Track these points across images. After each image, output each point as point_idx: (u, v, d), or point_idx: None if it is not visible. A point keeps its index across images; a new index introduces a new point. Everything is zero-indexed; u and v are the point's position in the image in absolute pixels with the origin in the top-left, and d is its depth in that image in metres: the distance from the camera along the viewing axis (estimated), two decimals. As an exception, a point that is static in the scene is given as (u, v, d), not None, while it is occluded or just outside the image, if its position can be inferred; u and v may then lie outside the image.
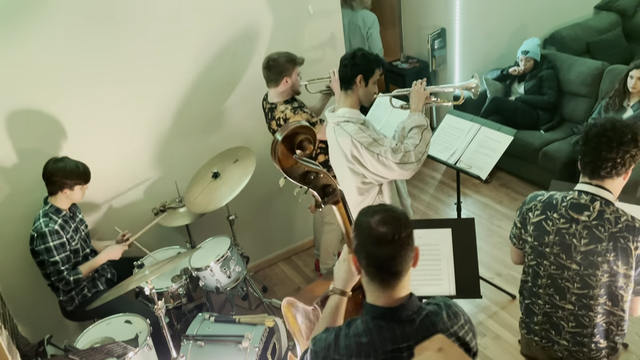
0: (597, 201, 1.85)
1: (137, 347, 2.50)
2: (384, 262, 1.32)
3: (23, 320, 3.19)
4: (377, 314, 1.37)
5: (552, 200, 1.95)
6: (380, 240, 1.30)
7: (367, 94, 2.59)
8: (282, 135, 1.56)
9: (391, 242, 1.30)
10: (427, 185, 4.80)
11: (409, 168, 2.48)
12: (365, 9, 4.76)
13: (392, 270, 1.33)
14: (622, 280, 1.87)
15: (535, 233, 1.99)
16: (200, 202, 3.12)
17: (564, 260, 1.93)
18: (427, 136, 2.53)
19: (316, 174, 1.61)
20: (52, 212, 2.82)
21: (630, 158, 1.79)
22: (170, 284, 2.99)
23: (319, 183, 1.63)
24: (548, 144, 4.30)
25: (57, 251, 2.78)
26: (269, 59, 3.08)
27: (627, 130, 1.77)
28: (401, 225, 1.31)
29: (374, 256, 1.33)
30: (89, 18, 2.88)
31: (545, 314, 2.06)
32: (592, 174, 1.86)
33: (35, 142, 2.97)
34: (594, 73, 4.39)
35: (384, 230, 1.30)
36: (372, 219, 1.33)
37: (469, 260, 2.35)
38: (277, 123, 3.12)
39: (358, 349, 1.35)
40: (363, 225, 1.34)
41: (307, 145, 1.58)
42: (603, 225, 1.83)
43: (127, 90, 3.11)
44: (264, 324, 2.72)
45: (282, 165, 1.60)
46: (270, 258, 4.10)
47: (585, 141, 1.83)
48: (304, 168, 1.61)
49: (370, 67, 2.54)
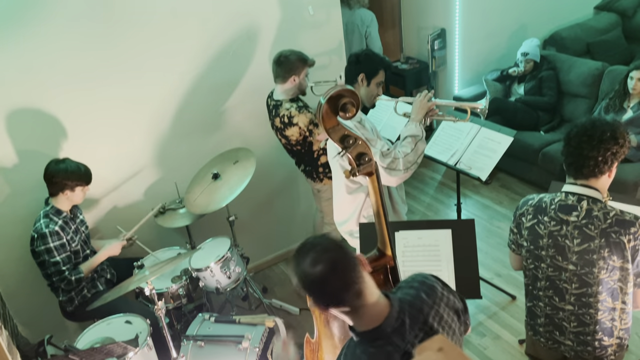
0: (584, 200, 1.87)
1: (137, 347, 2.50)
2: (336, 297, 1.30)
3: (23, 320, 3.19)
4: (368, 338, 1.36)
5: (542, 204, 1.98)
6: (318, 282, 1.29)
7: (368, 93, 2.59)
8: (326, 97, 1.62)
9: (331, 278, 1.28)
10: (427, 186, 4.80)
11: (395, 175, 2.43)
12: (362, 8, 4.76)
13: (348, 299, 1.30)
14: (619, 274, 1.87)
15: (530, 237, 2.00)
16: (200, 203, 3.12)
17: (560, 262, 1.94)
18: (420, 147, 2.48)
19: (355, 140, 1.67)
20: (52, 213, 2.82)
21: (611, 155, 1.82)
22: (170, 284, 2.99)
23: (355, 149, 1.69)
24: (548, 145, 4.30)
25: (58, 252, 2.78)
26: (281, 54, 3.09)
27: (607, 128, 1.81)
28: (331, 256, 1.30)
29: (325, 298, 1.32)
30: (89, 18, 2.89)
31: (547, 316, 2.07)
32: (576, 174, 1.89)
33: (36, 142, 2.97)
34: (594, 74, 4.39)
35: (316, 270, 1.28)
36: (303, 263, 1.31)
37: (469, 261, 2.35)
38: (281, 120, 3.12)
39: None
40: (301, 276, 1.32)
41: (350, 107, 1.63)
42: (593, 223, 1.85)
43: (127, 90, 3.11)
44: (264, 324, 2.72)
45: (325, 125, 1.65)
46: (270, 259, 4.11)
47: (567, 141, 1.87)
48: (344, 131, 1.67)
49: (374, 68, 2.54)
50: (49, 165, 2.79)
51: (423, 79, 5.09)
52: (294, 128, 3.08)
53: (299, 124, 3.06)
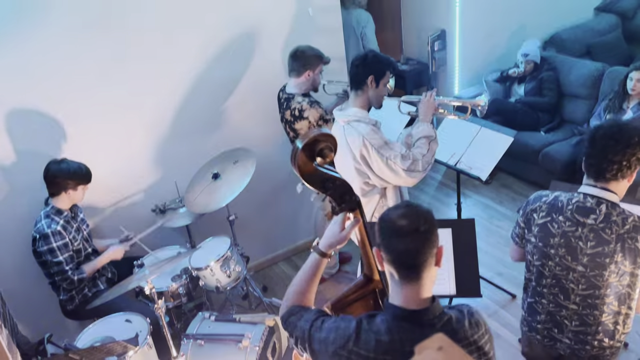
0: (603, 204, 1.85)
1: (137, 346, 2.50)
2: (402, 254, 1.35)
3: (23, 319, 3.19)
4: (398, 315, 1.38)
5: (558, 203, 1.94)
6: (398, 232, 1.33)
7: (377, 95, 2.59)
8: (302, 143, 1.53)
9: (409, 234, 1.32)
10: (427, 186, 4.81)
11: (415, 176, 2.51)
12: (359, 8, 4.75)
13: (411, 263, 1.34)
14: (629, 279, 1.87)
15: (541, 234, 1.98)
16: (201, 202, 3.12)
17: (569, 262, 1.93)
18: (434, 147, 2.57)
19: (335, 181, 1.59)
20: (53, 213, 2.83)
21: (636, 161, 1.79)
22: (171, 283, 2.99)
23: (337, 190, 1.60)
24: (548, 145, 4.30)
25: (61, 251, 2.79)
26: (297, 49, 3.12)
27: (634, 132, 1.77)
28: (422, 219, 1.34)
29: (393, 248, 1.35)
30: (88, 19, 2.89)
31: (549, 313, 2.05)
32: (597, 176, 1.85)
33: (36, 141, 2.97)
34: (594, 75, 4.40)
35: (402, 223, 1.33)
36: (395, 213, 1.36)
37: (469, 260, 2.36)
38: (292, 113, 3.12)
39: (377, 346, 1.36)
40: (385, 218, 1.38)
41: (327, 153, 1.55)
42: (610, 228, 1.83)
43: (127, 90, 3.12)
44: (264, 323, 2.72)
45: (302, 173, 1.56)
46: (270, 258, 4.11)
47: (592, 143, 1.83)
48: (324, 175, 1.58)
49: (382, 69, 2.54)
50: (49, 166, 2.80)
51: (423, 79, 5.10)
52: (304, 122, 3.08)
53: (309, 117, 3.06)
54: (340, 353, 1.39)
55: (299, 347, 1.53)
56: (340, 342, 1.39)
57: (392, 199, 2.70)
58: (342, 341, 1.39)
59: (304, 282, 1.63)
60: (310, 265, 1.64)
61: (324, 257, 1.62)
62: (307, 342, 1.47)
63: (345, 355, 1.38)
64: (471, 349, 1.37)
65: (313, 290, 1.63)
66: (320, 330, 1.46)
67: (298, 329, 1.51)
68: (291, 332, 1.55)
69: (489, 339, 1.43)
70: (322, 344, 1.43)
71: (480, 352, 1.39)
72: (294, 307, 1.59)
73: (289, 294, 1.64)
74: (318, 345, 1.45)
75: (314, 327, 1.48)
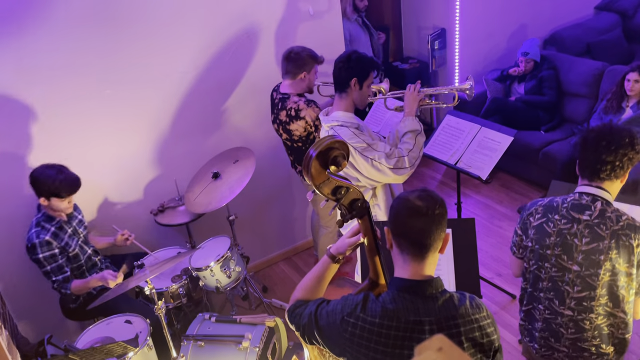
0: (599, 201, 1.89)
1: (137, 347, 2.50)
2: (415, 232, 1.43)
3: (23, 320, 3.19)
4: (402, 286, 1.45)
5: (553, 203, 1.99)
6: (414, 211, 1.42)
7: (361, 97, 2.57)
8: (316, 151, 1.49)
9: (424, 215, 1.41)
10: (427, 186, 4.77)
11: (402, 173, 2.49)
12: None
13: (422, 242, 1.43)
14: (623, 279, 1.88)
15: (537, 236, 2.01)
16: (200, 202, 3.12)
17: (565, 262, 1.94)
18: (420, 141, 2.54)
19: (347, 189, 1.57)
20: (43, 220, 2.77)
21: (628, 161, 1.86)
22: (170, 283, 2.99)
23: (348, 197, 1.58)
24: (548, 144, 4.30)
25: (48, 262, 2.73)
26: (291, 51, 3.09)
27: (625, 134, 1.85)
28: (436, 203, 1.43)
29: (406, 226, 1.43)
30: (88, 19, 2.88)
31: (545, 320, 2.06)
32: (591, 177, 1.91)
33: (35, 141, 2.97)
34: (594, 74, 4.39)
35: (419, 203, 1.42)
36: (411, 195, 1.45)
37: (469, 260, 2.35)
38: (288, 113, 3.09)
39: (383, 313, 1.43)
40: (401, 198, 1.46)
41: (341, 161, 1.51)
42: (605, 224, 1.87)
43: (127, 90, 3.11)
44: (264, 324, 2.72)
45: (315, 181, 1.52)
46: (270, 258, 4.10)
47: (584, 145, 1.90)
48: (336, 183, 1.55)
49: (365, 70, 2.51)
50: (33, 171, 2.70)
51: (423, 78, 5.08)
52: (300, 122, 3.06)
53: (306, 117, 3.04)
54: (347, 320, 1.46)
55: (305, 337, 1.58)
56: (348, 310, 1.47)
57: (382, 198, 2.69)
58: (349, 308, 1.47)
59: (312, 280, 1.69)
60: (319, 265, 1.70)
61: (334, 260, 1.68)
62: (314, 322, 1.53)
63: (352, 322, 1.45)
64: (472, 326, 1.43)
65: (319, 289, 1.68)
66: (328, 305, 1.53)
67: (304, 316, 1.57)
68: (297, 323, 1.59)
69: (491, 323, 1.48)
70: (330, 315, 1.50)
71: (482, 332, 1.44)
72: (299, 300, 1.65)
73: (296, 290, 1.70)
74: (326, 320, 1.50)
75: (321, 307, 1.55)
